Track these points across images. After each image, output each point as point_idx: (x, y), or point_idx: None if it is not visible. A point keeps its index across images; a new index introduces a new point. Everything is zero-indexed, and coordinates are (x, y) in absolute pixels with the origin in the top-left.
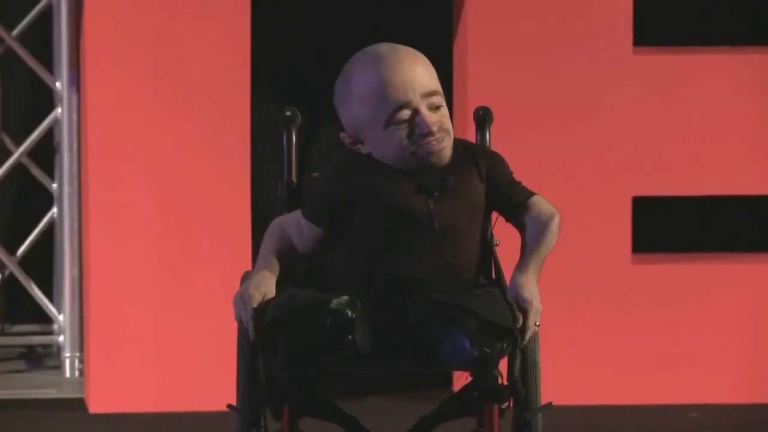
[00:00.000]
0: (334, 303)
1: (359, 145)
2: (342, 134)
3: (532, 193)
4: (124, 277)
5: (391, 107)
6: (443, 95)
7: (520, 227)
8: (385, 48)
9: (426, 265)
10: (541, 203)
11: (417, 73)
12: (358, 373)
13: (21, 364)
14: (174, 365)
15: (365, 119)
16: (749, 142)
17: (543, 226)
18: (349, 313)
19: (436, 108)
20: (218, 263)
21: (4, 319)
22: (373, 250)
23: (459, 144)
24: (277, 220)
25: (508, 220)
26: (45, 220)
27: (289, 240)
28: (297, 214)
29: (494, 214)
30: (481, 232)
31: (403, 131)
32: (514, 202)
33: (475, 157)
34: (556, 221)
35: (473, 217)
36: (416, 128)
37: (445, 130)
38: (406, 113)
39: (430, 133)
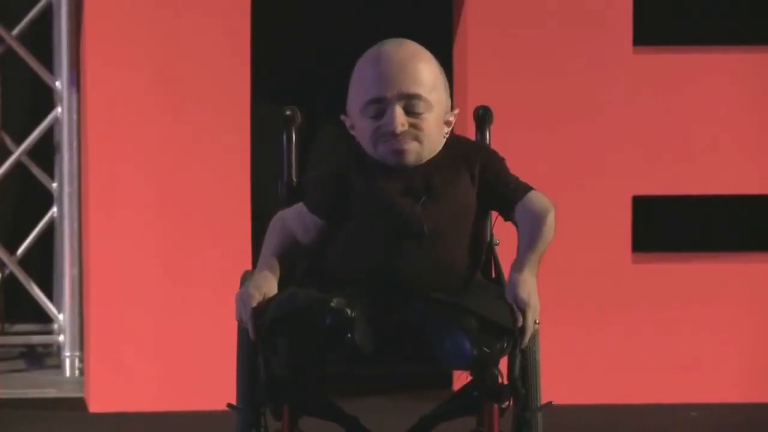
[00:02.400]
0: (334, 302)
1: (353, 130)
2: (343, 116)
3: (528, 189)
4: (124, 277)
5: (365, 98)
6: (430, 102)
7: (517, 224)
8: (392, 43)
9: (418, 267)
10: (536, 198)
11: (404, 73)
12: (358, 373)
13: (21, 364)
14: (174, 364)
15: (351, 103)
16: (749, 141)
17: (538, 222)
18: (349, 312)
19: (413, 112)
20: (218, 263)
21: (4, 318)
22: (365, 252)
23: (455, 142)
24: (279, 215)
25: (506, 219)
26: (45, 219)
27: (291, 235)
28: (299, 207)
29: (494, 213)
30: (474, 232)
31: (372, 124)
32: (509, 199)
33: (467, 156)
34: (551, 216)
35: (460, 220)
36: (383, 124)
37: (413, 135)
38: (377, 107)
39: (392, 133)
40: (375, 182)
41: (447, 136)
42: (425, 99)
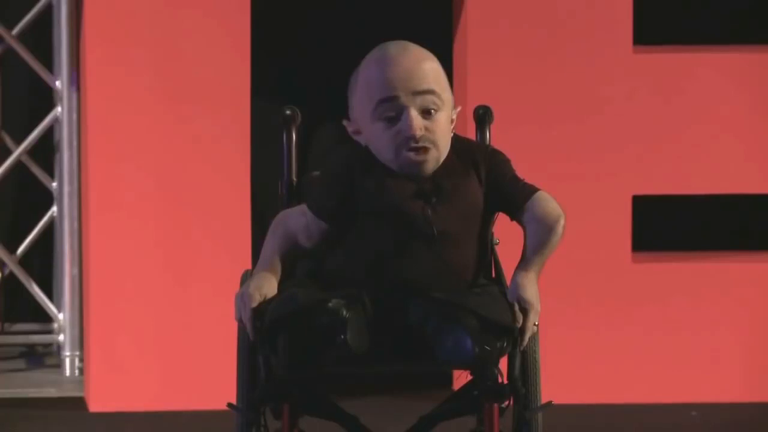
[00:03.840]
0: (332, 303)
1: (358, 136)
2: (345, 121)
3: (536, 190)
4: (124, 276)
5: (376, 99)
6: (442, 99)
7: (524, 226)
8: (397, 45)
9: (426, 269)
10: (546, 202)
11: (413, 70)
12: (358, 373)
13: (21, 363)
14: (174, 364)
15: (359, 109)
16: (749, 141)
17: (548, 227)
18: (344, 312)
19: (427, 111)
20: (218, 263)
21: (4, 317)
22: (373, 253)
23: (460, 143)
24: (281, 214)
25: (512, 218)
26: (45, 218)
27: (293, 235)
28: (302, 208)
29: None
30: (480, 233)
31: (388, 130)
32: (517, 200)
33: (475, 158)
34: (561, 224)
35: (471, 222)
36: (400, 129)
37: (431, 140)
38: (391, 108)
39: (413, 137)
40: (384, 185)
41: (452, 134)
42: (438, 94)
